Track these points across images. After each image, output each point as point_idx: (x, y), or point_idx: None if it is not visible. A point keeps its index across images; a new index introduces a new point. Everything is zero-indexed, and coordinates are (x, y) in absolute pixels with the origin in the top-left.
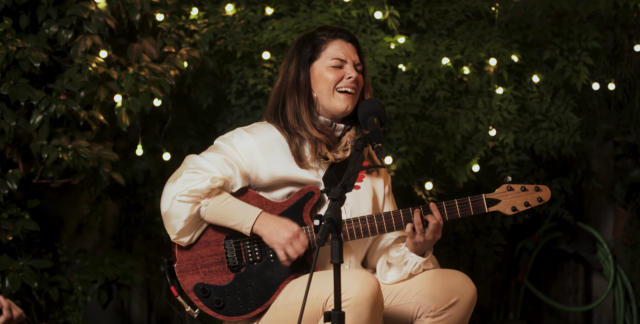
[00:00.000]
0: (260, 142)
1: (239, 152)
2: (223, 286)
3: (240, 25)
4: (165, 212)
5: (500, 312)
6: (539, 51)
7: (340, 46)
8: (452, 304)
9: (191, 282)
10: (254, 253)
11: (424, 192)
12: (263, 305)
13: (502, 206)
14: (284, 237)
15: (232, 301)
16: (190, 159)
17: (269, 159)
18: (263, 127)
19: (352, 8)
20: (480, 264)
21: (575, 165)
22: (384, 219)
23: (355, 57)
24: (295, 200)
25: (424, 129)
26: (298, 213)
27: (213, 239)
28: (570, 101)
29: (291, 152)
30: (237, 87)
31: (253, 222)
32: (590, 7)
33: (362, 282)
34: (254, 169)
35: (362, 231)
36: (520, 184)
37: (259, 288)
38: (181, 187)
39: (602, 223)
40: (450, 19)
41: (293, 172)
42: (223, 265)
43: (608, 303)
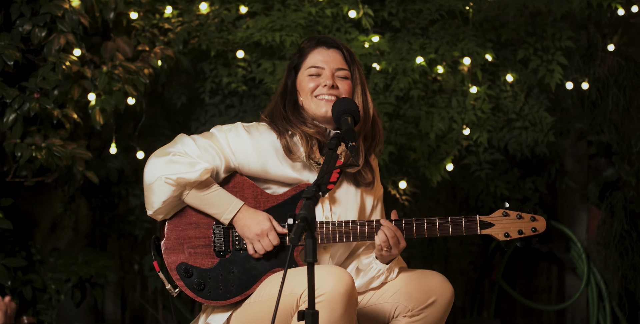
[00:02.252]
0: (255, 144)
1: (232, 148)
2: (206, 269)
3: (215, 24)
4: (149, 184)
5: (474, 311)
6: (512, 50)
7: (319, 54)
8: (429, 305)
9: (175, 260)
10: (241, 242)
11: (398, 191)
12: (242, 294)
13: (495, 231)
14: (253, 233)
15: (213, 286)
16: (180, 140)
17: (263, 160)
18: (261, 129)
19: (326, 7)
20: (454, 263)
21: (549, 164)
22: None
23: (337, 62)
24: (290, 195)
25: (398, 128)
26: (291, 208)
27: (203, 222)
28: (544, 100)
29: (282, 147)
30: (211, 86)
31: (234, 214)
32: (564, 6)
33: (336, 278)
34: (245, 165)
35: (345, 236)
36: (517, 212)
37: (241, 277)
38: (167, 169)
39: (576, 222)
40: (424, 18)
41: (287, 173)
42: (209, 249)
43: (581, 301)
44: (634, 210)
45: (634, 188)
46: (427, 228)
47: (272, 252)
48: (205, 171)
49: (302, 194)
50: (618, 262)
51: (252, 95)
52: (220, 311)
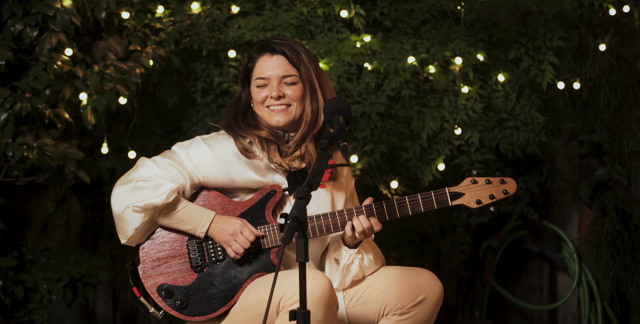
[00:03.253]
0: (216, 155)
1: (194, 162)
2: (187, 286)
3: (206, 24)
4: (118, 215)
5: (466, 310)
6: (504, 50)
7: (264, 63)
8: (418, 303)
9: (154, 283)
10: (216, 253)
11: (390, 191)
12: (227, 304)
13: (466, 199)
14: (227, 234)
15: (196, 301)
16: (142, 163)
17: (226, 169)
18: (221, 139)
19: (318, 7)
20: (445, 263)
21: (540, 164)
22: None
23: (282, 69)
24: (257, 199)
25: (389, 127)
26: (260, 212)
27: (176, 240)
28: (535, 100)
29: (239, 150)
30: (203, 86)
31: (208, 225)
32: (555, 6)
33: (312, 282)
34: (211, 178)
35: (318, 230)
36: (485, 177)
37: (222, 288)
38: (133, 196)
39: (567, 222)
40: (416, 18)
41: (251, 177)
42: (186, 265)
43: (573, 301)
44: (626, 210)
45: (626, 188)
46: (398, 208)
47: (249, 258)
48: (172, 192)
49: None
50: (609, 262)
51: None
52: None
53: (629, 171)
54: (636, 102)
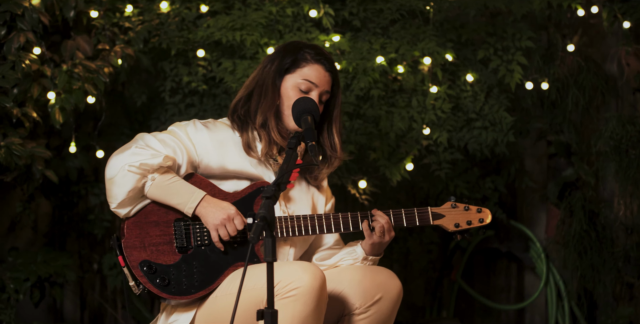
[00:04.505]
0: (213, 137)
1: (192, 140)
2: (169, 265)
3: (175, 23)
4: (111, 178)
5: (434, 310)
6: (473, 50)
7: (317, 71)
8: (376, 301)
9: (137, 258)
10: (202, 237)
11: (358, 190)
12: (207, 288)
13: (445, 221)
14: (218, 218)
15: (177, 281)
16: (141, 136)
17: (221, 153)
18: (218, 125)
19: (287, 6)
20: (413, 262)
21: (508, 164)
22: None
23: (328, 86)
24: (247, 193)
25: (358, 127)
26: (248, 205)
27: (163, 220)
28: (503, 100)
29: (242, 144)
30: (172, 85)
31: (197, 203)
32: (524, 6)
33: (310, 272)
34: (205, 159)
35: (304, 229)
36: (464, 204)
37: (204, 271)
38: (130, 158)
39: (535, 222)
40: (384, 18)
41: (245, 168)
42: (171, 246)
43: (540, 301)
44: (593, 210)
45: (593, 188)
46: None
47: (233, 246)
48: (168, 158)
49: (261, 192)
50: (577, 261)
51: (212, 94)
52: (183, 310)
53: (597, 171)
54: (604, 103)
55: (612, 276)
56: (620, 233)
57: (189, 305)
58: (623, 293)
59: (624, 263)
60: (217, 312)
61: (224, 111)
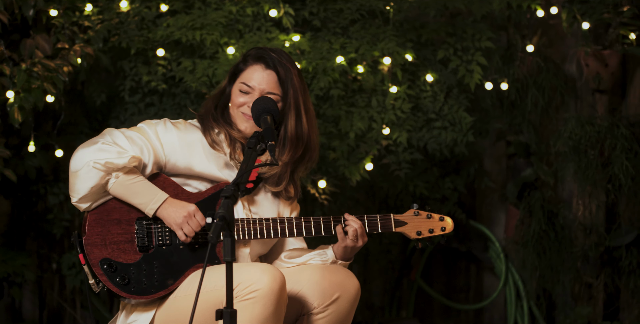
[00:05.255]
0: (182, 138)
1: (161, 140)
2: (129, 264)
3: (135, 22)
4: (75, 171)
5: (393, 310)
6: (432, 50)
7: (255, 72)
8: (334, 301)
9: (98, 256)
10: (164, 237)
11: (317, 190)
12: (167, 289)
13: (408, 229)
14: (180, 217)
15: (137, 281)
16: (109, 132)
17: (189, 155)
18: (188, 127)
19: (247, 6)
20: (373, 263)
21: (467, 164)
22: (294, 223)
23: (269, 86)
24: (210, 193)
25: (317, 127)
26: (211, 206)
27: (125, 218)
28: (463, 100)
29: (207, 142)
30: (131, 84)
31: (159, 205)
32: (484, 7)
33: (270, 274)
34: (172, 159)
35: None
36: (427, 212)
37: (164, 271)
38: (96, 154)
39: (494, 222)
40: (344, 18)
41: (211, 170)
42: (132, 244)
43: (499, 300)
44: (552, 210)
45: (552, 188)
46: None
47: (195, 247)
48: (134, 158)
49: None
50: (536, 261)
51: (172, 93)
52: (143, 310)
53: (556, 171)
54: (563, 103)
55: (571, 276)
56: (579, 233)
57: (149, 305)
58: (581, 293)
59: (582, 263)
60: (177, 312)
61: (183, 110)
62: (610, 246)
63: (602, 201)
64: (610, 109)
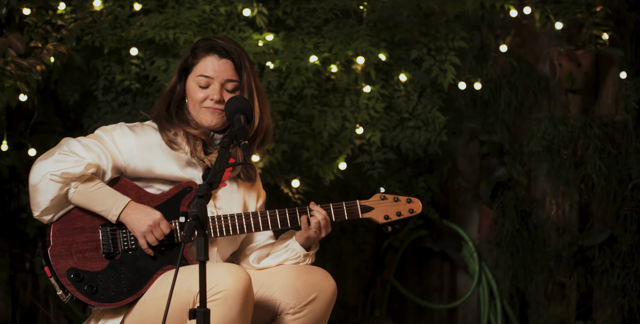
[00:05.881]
0: (140, 141)
1: (118, 145)
2: (96, 272)
3: (108, 21)
4: (34, 185)
5: (366, 309)
6: (406, 50)
7: (210, 63)
8: (311, 301)
9: (64, 266)
10: (129, 242)
11: (291, 189)
12: (135, 294)
13: (375, 214)
14: (145, 225)
15: (105, 288)
16: (66, 141)
17: (148, 158)
18: (145, 129)
19: (221, 5)
20: (346, 262)
21: (441, 164)
22: (259, 218)
23: (227, 74)
24: (173, 193)
25: (291, 126)
26: (175, 206)
27: (89, 226)
28: (436, 100)
29: (165, 142)
30: (104, 83)
31: (121, 210)
32: (457, 7)
33: (234, 275)
34: (132, 163)
35: (232, 228)
36: (393, 195)
37: (132, 277)
38: (53, 166)
39: (468, 221)
40: (318, 17)
41: (172, 171)
42: (98, 252)
43: (473, 300)
44: (525, 210)
45: (525, 188)
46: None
47: (161, 250)
48: (90, 165)
49: (187, 192)
50: (509, 261)
51: (145, 93)
52: (111, 316)
53: (529, 171)
54: (536, 103)
55: (544, 275)
56: (552, 233)
57: (118, 311)
58: (555, 292)
59: (555, 262)
60: (146, 316)
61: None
62: (583, 245)
63: (575, 201)
64: (583, 109)
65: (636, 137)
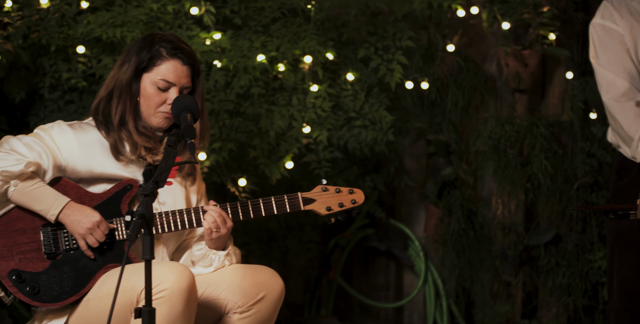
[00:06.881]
0: (79, 139)
1: (57, 144)
2: (38, 273)
3: (55, 19)
4: None
5: (313, 308)
6: (353, 49)
7: (174, 68)
8: (259, 300)
9: (6, 268)
10: (70, 241)
11: (237, 188)
12: (78, 293)
13: (317, 206)
14: (84, 227)
15: (47, 288)
16: (6, 140)
17: (88, 156)
18: (84, 126)
19: (168, 3)
20: (292, 261)
21: (388, 163)
22: (190, 214)
23: (186, 80)
24: (113, 192)
25: (238, 125)
26: (116, 205)
27: (30, 227)
28: (383, 99)
29: (109, 146)
30: (51, 82)
31: (60, 210)
32: (405, 6)
33: (177, 273)
34: (71, 162)
35: (173, 225)
36: (335, 186)
37: (74, 276)
38: None
39: (414, 220)
40: (266, 16)
41: (112, 170)
42: (39, 252)
43: (419, 299)
44: (471, 209)
45: (472, 187)
46: (252, 209)
47: (103, 249)
48: (31, 164)
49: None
50: (455, 260)
51: (92, 91)
52: (55, 317)
53: (475, 170)
54: (483, 103)
55: (490, 274)
56: (497, 232)
57: (61, 311)
58: (500, 291)
59: (501, 261)
60: (90, 315)
61: None
62: (529, 244)
63: (521, 200)
64: (530, 109)
65: (582, 137)
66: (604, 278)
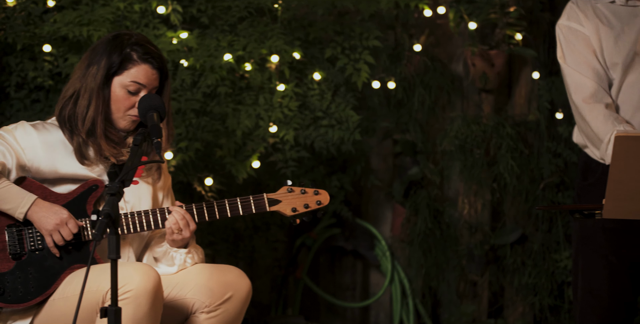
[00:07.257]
0: (43, 140)
1: (21, 144)
2: (3, 273)
3: (21, 17)
4: None
5: (279, 308)
6: (320, 49)
7: (144, 72)
8: (226, 300)
9: None
10: (35, 242)
11: (204, 188)
12: (44, 294)
13: (282, 207)
14: (52, 224)
15: (12, 289)
16: None
17: (52, 157)
18: (48, 127)
19: (135, 2)
20: (259, 260)
21: (354, 162)
22: (155, 215)
23: (155, 83)
24: (79, 192)
25: (204, 124)
26: (81, 205)
27: None
28: (350, 98)
29: (73, 150)
30: (17, 80)
31: (28, 207)
32: (372, 6)
33: (142, 274)
34: (35, 163)
35: (139, 225)
36: (300, 187)
37: (39, 277)
38: None
39: (381, 220)
40: (233, 15)
41: (77, 170)
42: (4, 253)
43: (385, 299)
44: (438, 208)
45: (438, 187)
46: (217, 210)
47: (68, 249)
48: None
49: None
50: (421, 260)
51: (58, 90)
52: (20, 317)
53: (442, 170)
54: (450, 102)
55: (456, 274)
56: (464, 232)
57: (26, 312)
58: (466, 291)
59: (467, 261)
60: (55, 316)
61: None
62: (495, 244)
63: (487, 200)
64: (496, 109)
65: (548, 137)
66: (569, 278)
